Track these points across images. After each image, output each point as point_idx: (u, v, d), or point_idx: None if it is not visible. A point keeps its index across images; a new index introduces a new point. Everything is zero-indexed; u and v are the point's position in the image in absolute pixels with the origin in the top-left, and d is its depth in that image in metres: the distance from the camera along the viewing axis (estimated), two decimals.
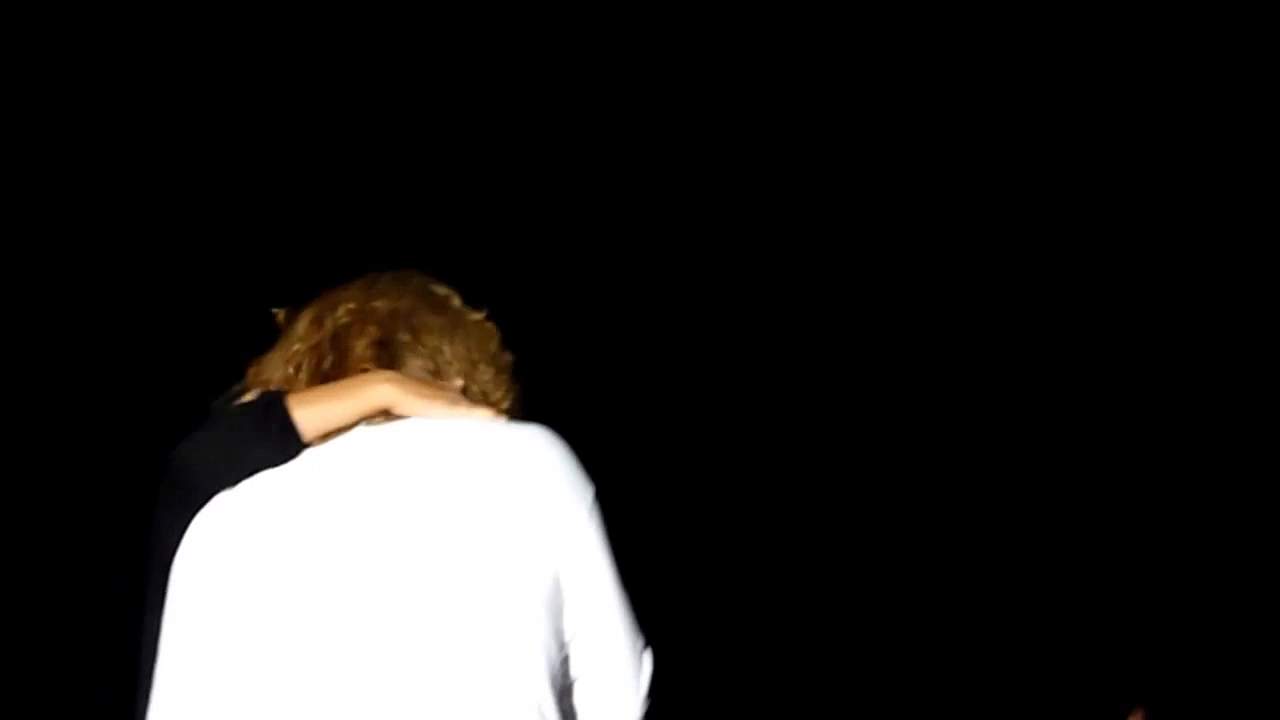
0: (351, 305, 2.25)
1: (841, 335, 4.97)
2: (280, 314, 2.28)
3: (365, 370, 2.19)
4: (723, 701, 3.18)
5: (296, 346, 2.23)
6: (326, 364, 2.21)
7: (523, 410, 2.26)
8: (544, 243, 4.72)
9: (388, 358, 2.21)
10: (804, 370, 4.98)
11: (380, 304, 2.26)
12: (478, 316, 2.29)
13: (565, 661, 2.14)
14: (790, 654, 4.90)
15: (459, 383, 2.22)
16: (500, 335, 2.29)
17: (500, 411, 2.21)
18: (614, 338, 4.80)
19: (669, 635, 2.39)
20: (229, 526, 2.06)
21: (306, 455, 2.09)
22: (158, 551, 2.07)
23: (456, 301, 2.31)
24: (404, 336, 2.23)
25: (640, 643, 2.23)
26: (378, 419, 2.14)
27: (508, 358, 2.28)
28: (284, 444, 2.10)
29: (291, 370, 2.20)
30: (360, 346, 2.21)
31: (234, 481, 2.08)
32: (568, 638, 2.13)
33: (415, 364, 2.22)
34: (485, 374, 2.25)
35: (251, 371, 2.24)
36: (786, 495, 5.01)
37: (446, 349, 2.25)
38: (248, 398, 2.17)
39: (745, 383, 4.98)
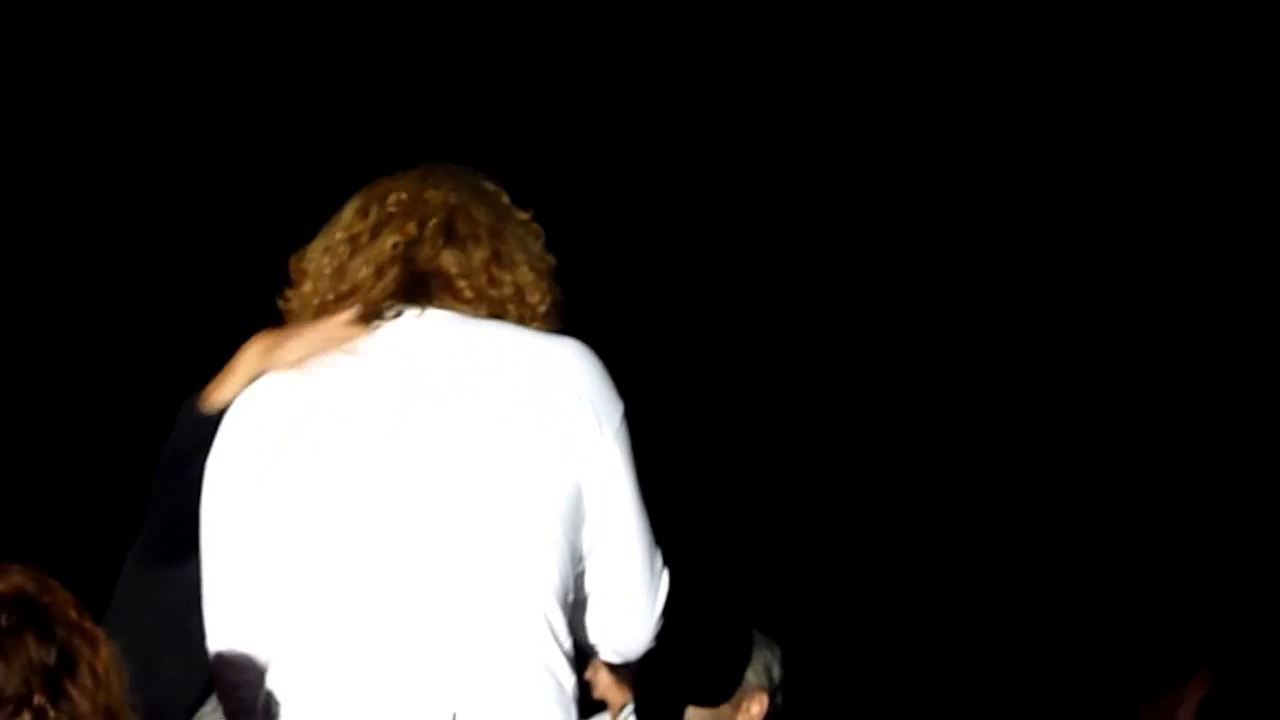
0: (403, 195, 2.24)
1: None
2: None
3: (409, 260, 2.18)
4: (738, 621, 3.21)
5: (338, 235, 2.23)
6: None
7: (560, 315, 2.26)
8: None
9: (448, 248, 2.20)
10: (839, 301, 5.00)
11: (433, 194, 2.24)
12: (524, 216, 2.29)
13: (581, 576, 2.16)
14: (811, 576, 4.90)
15: (507, 277, 2.21)
16: (545, 236, 2.28)
17: (536, 316, 2.21)
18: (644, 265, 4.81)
19: (688, 556, 2.38)
20: (267, 418, 2.12)
21: (350, 345, 2.13)
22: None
23: (505, 198, 2.30)
24: (463, 228, 2.21)
25: (658, 562, 2.24)
26: (417, 306, 2.16)
27: (550, 260, 2.27)
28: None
29: (327, 260, 2.21)
30: (405, 237, 2.19)
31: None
32: (585, 550, 2.15)
33: (477, 255, 2.22)
34: (527, 275, 2.23)
35: (293, 260, 2.26)
36: (813, 427, 5.01)
37: (497, 244, 2.23)
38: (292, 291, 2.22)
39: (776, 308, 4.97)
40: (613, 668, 2.36)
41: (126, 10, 4.50)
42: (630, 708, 3.45)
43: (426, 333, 2.16)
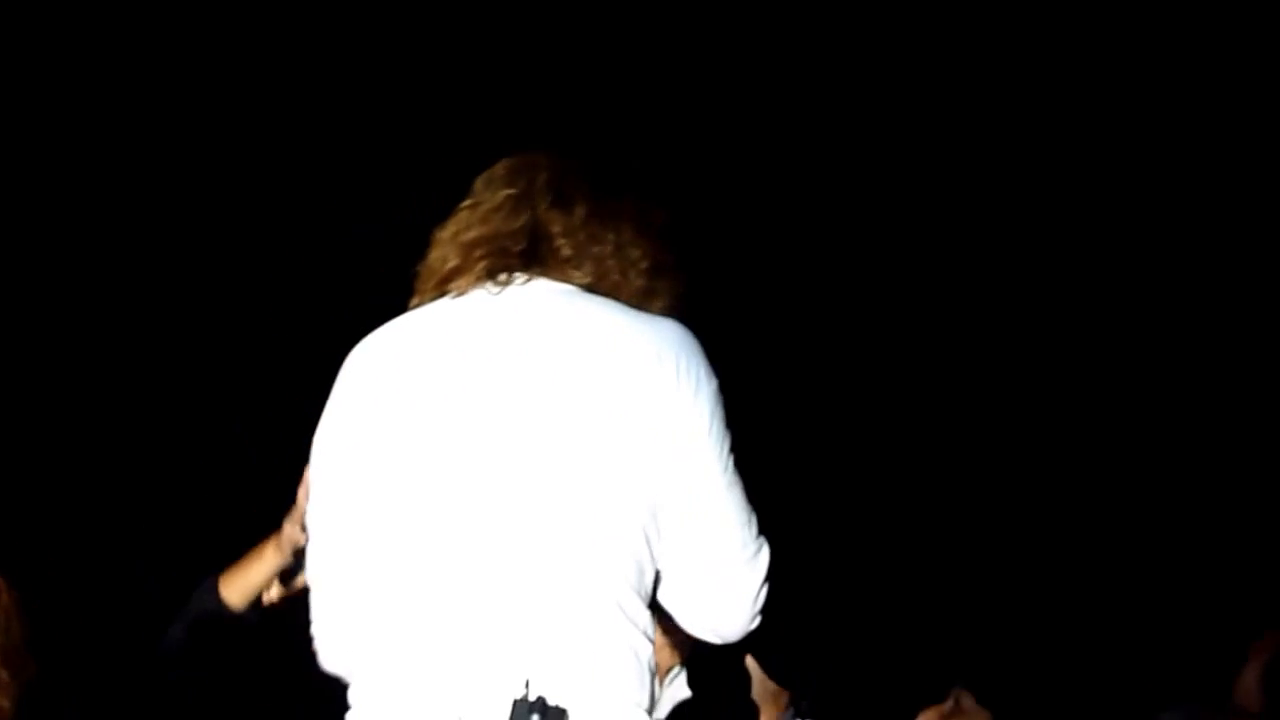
0: (513, 161, 2.31)
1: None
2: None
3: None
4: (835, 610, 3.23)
5: (463, 204, 2.30)
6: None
7: (677, 280, 2.28)
8: None
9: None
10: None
11: (540, 158, 2.30)
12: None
13: (671, 554, 2.13)
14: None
15: (610, 235, 2.25)
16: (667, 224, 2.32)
17: (639, 272, 2.24)
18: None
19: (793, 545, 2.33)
20: (371, 386, 2.17)
21: (451, 313, 2.18)
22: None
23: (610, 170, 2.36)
24: (567, 186, 2.26)
25: (755, 540, 2.19)
26: (524, 272, 2.21)
27: (658, 221, 2.31)
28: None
29: (450, 226, 2.28)
30: (515, 190, 2.26)
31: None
32: (674, 527, 2.12)
33: (578, 211, 2.25)
34: (628, 232, 2.27)
35: (439, 229, 2.30)
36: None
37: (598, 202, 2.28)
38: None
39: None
40: (665, 629, 2.31)
41: (127, 10, 4.49)
42: (679, 671, 3.46)
43: (527, 306, 2.17)
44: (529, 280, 2.20)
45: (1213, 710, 3.72)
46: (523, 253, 2.21)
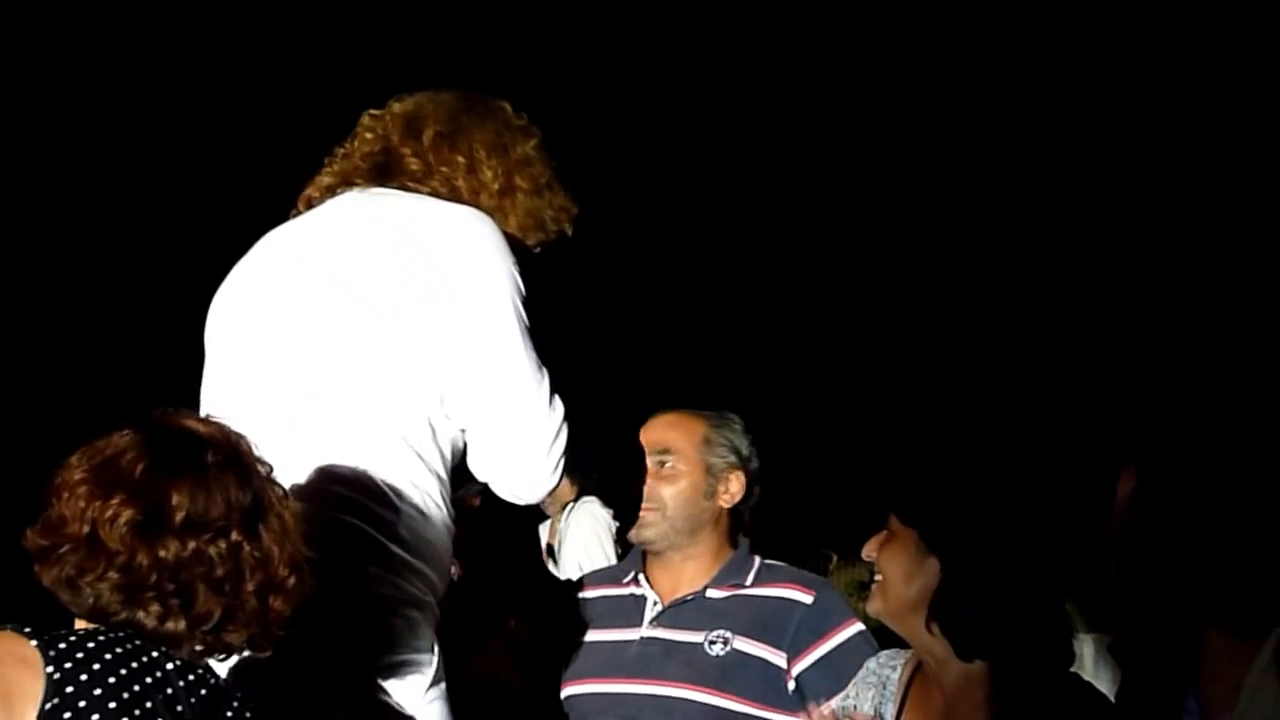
0: (393, 106, 2.66)
1: None
2: None
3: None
4: None
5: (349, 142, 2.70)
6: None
7: (549, 207, 2.60)
8: None
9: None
10: None
11: (408, 102, 2.65)
12: (518, 120, 2.65)
13: (467, 414, 2.45)
14: None
15: (458, 158, 2.59)
16: (540, 137, 2.63)
17: (489, 192, 2.57)
18: None
19: None
20: (246, 264, 2.64)
21: (300, 220, 2.65)
22: None
23: (501, 105, 2.67)
24: (423, 119, 2.63)
25: (545, 411, 2.48)
26: (372, 185, 2.60)
27: (525, 151, 2.62)
28: None
29: (336, 158, 2.68)
30: (381, 131, 2.67)
31: None
32: (464, 392, 2.44)
33: (427, 134, 2.59)
34: (480, 153, 2.59)
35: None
36: None
37: (453, 126, 2.62)
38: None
39: None
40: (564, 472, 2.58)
41: (127, 10, 4.50)
42: (573, 505, 3.57)
43: (355, 202, 2.57)
44: (366, 188, 2.59)
45: None
46: (371, 170, 2.61)
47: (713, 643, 3.09)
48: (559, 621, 3.24)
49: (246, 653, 2.16)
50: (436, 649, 2.43)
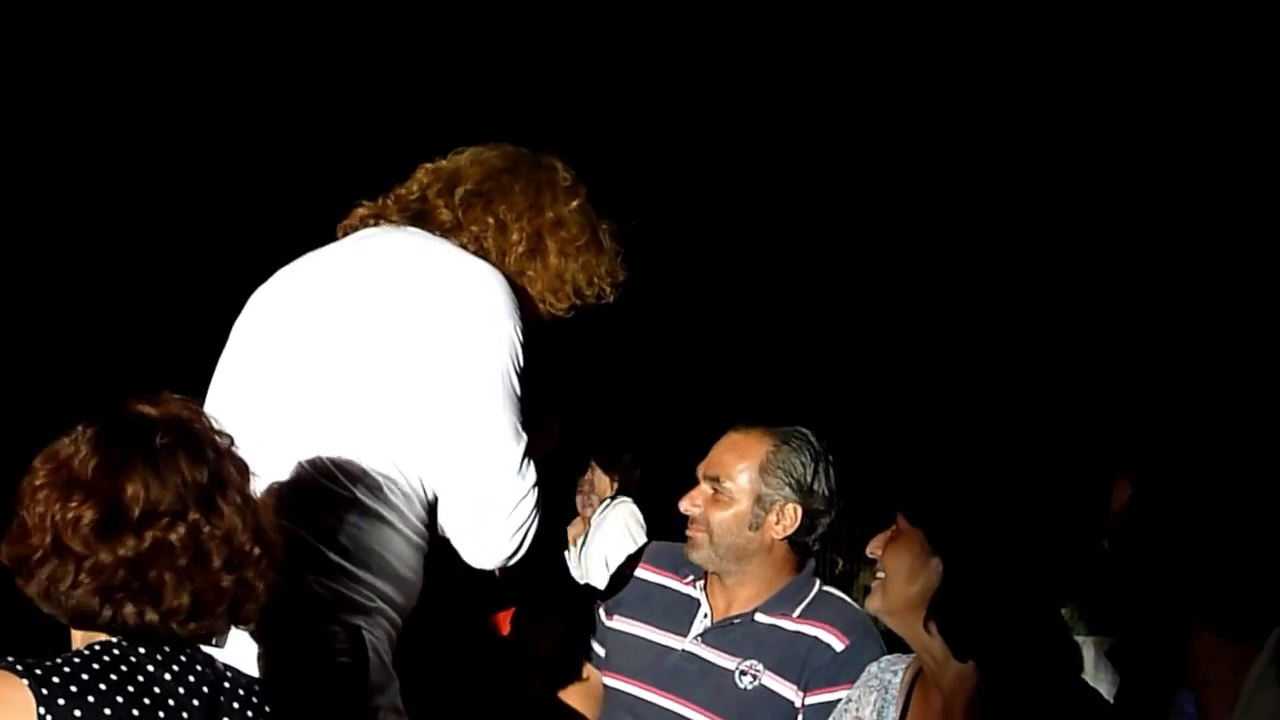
0: (441, 162, 2.66)
1: None
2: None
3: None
4: None
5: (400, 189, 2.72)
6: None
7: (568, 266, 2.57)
8: None
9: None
10: None
11: (453, 162, 2.65)
12: (564, 177, 2.66)
13: (448, 473, 2.46)
14: None
15: (489, 219, 2.59)
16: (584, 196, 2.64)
17: (514, 253, 2.57)
18: None
19: None
20: (271, 291, 2.65)
21: (330, 249, 2.65)
22: None
23: (548, 163, 2.67)
24: (462, 178, 2.62)
25: (517, 485, 2.47)
26: (388, 223, 2.64)
27: (563, 212, 2.61)
28: None
29: (380, 200, 2.69)
30: (420, 186, 2.67)
31: None
32: (447, 452, 2.44)
33: (460, 191, 2.61)
34: (509, 215, 2.59)
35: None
36: None
37: (490, 185, 2.62)
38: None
39: None
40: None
41: (127, 10, 4.50)
42: (610, 501, 3.53)
43: (379, 241, 2.60)
44: (396, 229, 2.62)
45: None
46: (405, 214, 2.63)
47: (743, 674, 3.07)
48: (619, 593, 3.25)
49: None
50: (383, 656, 2.42)
